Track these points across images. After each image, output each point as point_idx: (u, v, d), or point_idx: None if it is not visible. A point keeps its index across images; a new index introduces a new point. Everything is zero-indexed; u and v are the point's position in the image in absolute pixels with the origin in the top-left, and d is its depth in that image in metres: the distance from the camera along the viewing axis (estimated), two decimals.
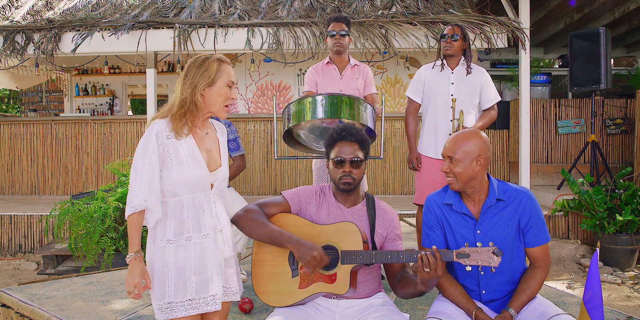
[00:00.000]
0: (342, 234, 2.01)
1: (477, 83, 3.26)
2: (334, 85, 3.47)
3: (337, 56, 3.50)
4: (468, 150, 1.97)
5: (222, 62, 1.83)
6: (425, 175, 3.29)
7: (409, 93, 3.38)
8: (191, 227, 1.78)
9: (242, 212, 2.10)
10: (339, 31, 3.40)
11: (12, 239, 5.29)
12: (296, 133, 3.13)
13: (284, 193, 2.19)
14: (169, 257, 1.76)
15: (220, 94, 1.81)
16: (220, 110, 1.84)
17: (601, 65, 5.73)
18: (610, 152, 6.81)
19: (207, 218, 1.81)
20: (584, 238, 5.17)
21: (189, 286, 1.76)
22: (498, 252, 1.76)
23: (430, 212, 2.09)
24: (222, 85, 1.81)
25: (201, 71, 1.79)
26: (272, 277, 2.07)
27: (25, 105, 10.91)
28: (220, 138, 1.95)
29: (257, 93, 7.86)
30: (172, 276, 1.75)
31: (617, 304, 3.91)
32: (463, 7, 6.26)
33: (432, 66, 3.33)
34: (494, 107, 3.35)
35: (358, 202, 2.19)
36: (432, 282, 1.86)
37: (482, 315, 1.93)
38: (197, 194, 1.81)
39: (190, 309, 1.76)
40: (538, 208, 2.02)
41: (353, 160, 2.09)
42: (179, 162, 1.78)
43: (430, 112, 3.30)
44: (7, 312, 2.93)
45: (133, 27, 5.86)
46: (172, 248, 1.76)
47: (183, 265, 1.76)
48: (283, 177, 6.76)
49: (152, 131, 1.77)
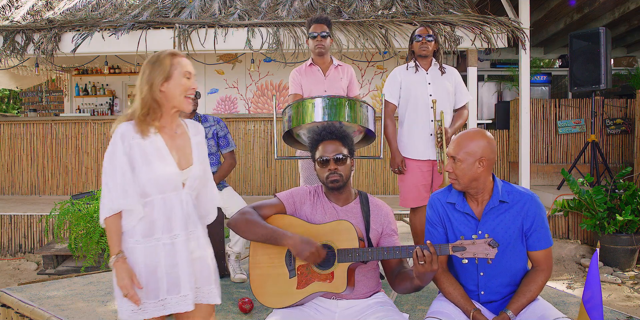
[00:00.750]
0: (338, 233, 2.01)
1: (452, 82, 3.27)
2: (318, 85, 3.46)
3: (319, 58, 3.49)
4: (470, 151, 1.95)
5: (174, 55, 1.82)
6: (409, 178, 3.25)
7: (386, 95, 3.32)
8: (162, 228, 1.77)
9: (237, 215, 2.11)
10: (320, 33, 3.38)
11: (12, 239, 5.29)
12: (296, 133, 3.13)
13: (278, 195, 2.20)
14: (139, 258, 1.75)
15: (179, 85, 1.79)
16: (182, 102, 1.82)
17: (601, 65, 5.73)
18: (610, 152, 6.81)
19: (178, 218, 1.79)
20: (584, 238, 5.17)
21: (160, 287, 1.75)
22: (494, 243, 1.75)
23: (433, 210, 2.09)
24: (180, 77, 1.80)
25: (155, 68, 1.79)
26: (269, 279, 2.07)
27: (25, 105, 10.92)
28: (193, 137, 1.92)
29: (257, 93, 7.86)
30: (142, 277, 1.74)
31: (617, 304, 3.91)
32: (463, 7, 6.26)
33: (405, 67, 3.30)
34: (466, 106, 3.35)
35: (351, 200, 2.19)
36: (428, 276, 1.86)
37: (480, 316, 1.93)
38: (168, 194, 1.79)
39: (162, 310, 1.75)
40: (542, 212, 2.01)
41: (337, 158, 2.10)
42: (146, 162, 1.76)
43: (409, 114, 3.26)
44: (7, 312, 2.93)
45: (133, 27, 5.86)
46: (141, 249, 1.75)
47: (154, 266, 1.75)
48: (283, 177, 6.76)
49: (117, 134, 1.77)
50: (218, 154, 3.51)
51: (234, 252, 3.34)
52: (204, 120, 3.48)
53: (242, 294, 3.00)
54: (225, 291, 3.07)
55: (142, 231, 1.76)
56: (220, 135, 3.48)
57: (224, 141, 3.49)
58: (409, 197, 3.26)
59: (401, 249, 1.92)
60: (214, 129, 3.47)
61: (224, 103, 7.90)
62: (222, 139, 3.49)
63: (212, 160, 3.44)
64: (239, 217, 2.09)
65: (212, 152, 3.45)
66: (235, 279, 3.25)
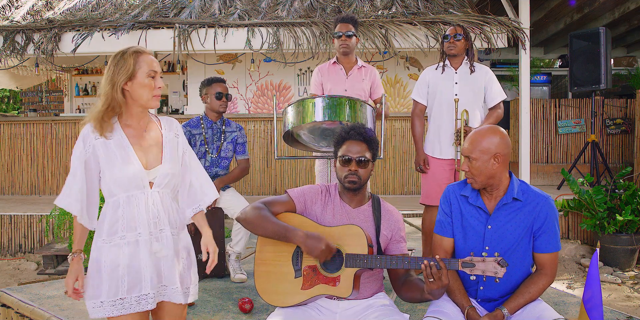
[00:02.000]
0: (348, 237, 2.00)
1: (481, 81, 3.27)
2: (339, 85, 3.47)
3: (343, 57, 3.50)
4: (484, 148, 1.95)
5: (139, 53, 1.80)
6: (431, 176, 3.29)
7: (414, 95, 3.39)
8: (125, 226, 1.77)
9: (248, 209, 2.10)
10: (345, 32, 3.39)
11: (12, 239, 5.29)
12: (296, 133, 3.13)
13: (289, 191, 2.18)
14: (103, 256, 1.76)
15: (144, 85, 1.78)
16: (149, 100, 1.80)
17: (601, 65, 5.73)
18: (610, 152, 6.81)
19: (142, 217, 1.78)
20: (584, 238, 5.17)
21: (120, 285, 1.75)
22: (503, 263, 1.75)
23: (446, 200, 2.10)
24: (144, 76, 1.78)
25: (119, 66, 1.77)
26: (274, 277, 2.07)
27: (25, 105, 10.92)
28: (166, 133, 1.90)
29: (257, 93, 7.85)
30: (105, 275, 1.74)
31: (617, 304, 3.91)
32: (463, 7, 6.26)
33: (435, 67, 3.33)
34: (499, 106, 3.34)
35: (364, 202, 2.18)
36: (440, 292, 1.85)
37: (474, 313, 1.94)
38: (133, 192, 1.78)
39: (121, 309, 1.74)
40: (555, 215, 2.00)
41: (360, 160, 2.09)
42: (109, 162, 1.76)
43: (435, 113, 3.31)
44: (7, 312, 2.93)
45: (133, 27, 5.86)
46: (107, 247, 1.76)
47: (116, 264, 1.75)
48: (283, 177, 6.76)
49: (81, 136, 1.78)
50: (231, 159, 3.51)
51: (234, 252, 3.33)
52: (227, 124, 3.47)
53: (242, 293, 3.00)
54: (225, 291, 3.07)
55: (108, 230, 1.77)
56: (239, 142, 3.49)
57: (241, 148, 3.50)
58: (430, 195, 3.28)
59: (410, 260, 1.91)
60: (235, 135, 3.47)
61: None
62: (240, 146, 3.50)
63: (225, 164, 3.46)
64: (251, 212, 2.08)
65: (227, 157, 3.46)
66: (235, 279, 3.25)
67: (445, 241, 2.08)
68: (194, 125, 3.40)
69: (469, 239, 2.03)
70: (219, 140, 3.42)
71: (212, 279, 3.31)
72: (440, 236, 2.10)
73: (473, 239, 2.02)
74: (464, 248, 2.03)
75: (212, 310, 2.76)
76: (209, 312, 2.73)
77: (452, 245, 2.08)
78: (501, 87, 3.39)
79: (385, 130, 5.57)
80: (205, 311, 2.74)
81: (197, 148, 3.38)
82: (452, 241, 2.08)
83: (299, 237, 1.96)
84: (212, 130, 3.41)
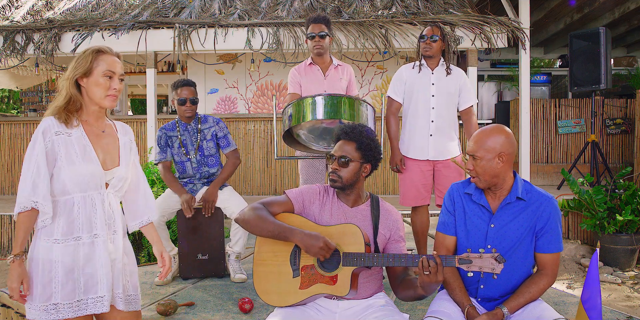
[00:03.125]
0: (345, 236, 2.01)
1: (457, 84, 3.24)
2: (317, 85, 3.45)
3: (318, 58, 3.47)
4: (489, 147, 1.95)
5: (100, 52, 1.81)
6: (408, 177, 3.26)
7: (390, 93, 3.34)
8: (81, 226, 1.75)
9: (246, 209, 2.11)
10: (319, 33, 3.36)
11: (12, 239, 5.29)
12: (296, 133, 3.13)
13: (287, 192, 2.19)
14: (56, 257, 1.72)
15: (98, 84, 1.79)
16: (102, 99, 1.81)
17: (601, 65, 5.73)
18: (610, 152, 6.81)
19: (99, 217, 1.77)
20: (584, 238, 5.17)
21: (77, 287, 1.72)
22: (500, 259, 1.75)
23: (450, 198, 2.10)
24: (99, 75, 1.78)
25: (78, 63, 1.79)
26: (273, 277, 2.07)
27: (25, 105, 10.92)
28: (121, 137, 1.91)
29: (257, 93, 7.86)
30: (59, 277, 1.71)
31: (617, 304, 3.91)
32: (463, 7, 6.26)
33: (412, 66, 3.30)
34: (471, 110, 3.30)
35: (361, 202, 2.18)
36: (432, 287, 1.84)
37: (474, 312, 1.94)
38: (90, 192, 1.77)
39: (77, 311, 1.72)
40: (558, 216, 2.00)
41: (341, 159, 2.10)
42: (68, 159, 1.75)
43: (411, 113, 3.27)
44: (7, 312, 2.93)
45: (133, 27, 5.86)
46: (60, 248, 1.73)
47: (72, 266, 1.72)
48: (283, 177, 6.76)
49: (40, 129, 1.75)
50: (218, 155, 3.49)
51: (234, 252, 3.34)
52: (203, 121, 3.45)
53: (242, 293, 3.00)
54: (225, 291, 3.07)
55: (62, 230, 1.74)
56: (220, 136, 3.45)
57: (223, 141, 3.46)
58: (408, 196, 3.27)
59: (407, 257, 1.91)
60: (213, 130, 3.44)
61: (224, 103, 7.89)
62: (222, 139, 3.46)
63: (212, 161, 3.44)
64: (249, 212, 2.08)
65: (212, 154, 3.44)
66: (235, 279, 3.25)
67: (448, 239, 2.09)
68: (169, 128, 3.41)
69: (471, 237, 2.03)
70: (197, 139, 3.41)
71: (212, 279, 3.31)
72: (443, 234, 2.10)
73: (475, 237, 2.02)
74: (467, 246, 2.03)
75: (212, 310, 2.76)
76: (209, 312, 2.73)
77: (454, 243, 2.08)
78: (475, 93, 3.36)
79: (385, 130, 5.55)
80: (205, 311, 2.74)
81: (176, 149, 3.38)
82: (454, 239, 2.08)
83: (297, 236, 1.97)
84: (189, 132, 3.40)
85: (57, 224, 1.74)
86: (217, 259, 3.33)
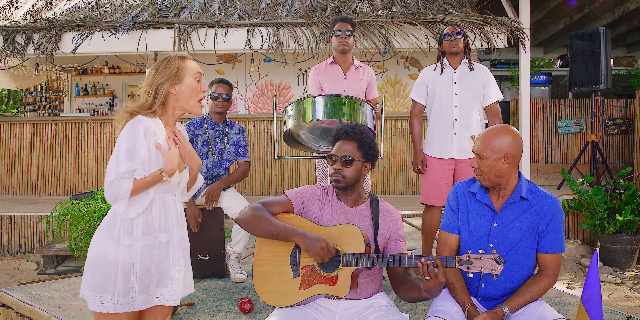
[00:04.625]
0: (345, 236, 2.00)
1: (480, 80, 3.26)
2: (337, 85, 3.46)
3: (341, 56, 3.49)
4: (495, 148, 1.95)
5: (184, 58, 1.85)
6: (430, 176, 3.29)
7: (413, 95, 3.39)
8: (159, 227, 1.80)
9: (246, 209, 2.11)
10: (345, 31, 3.40)
11: (12, 239, 5.29)
12: (296, 133, 3.13)
13: (287, 192, 2.19)
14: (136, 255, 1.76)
15: (191, 87, 1.82)
16: (194, 106, 1.84)
17: (601, 65, 5.73)
18: (610, 152, 6.81)
19: (173, 218, 1.84)
20: (584, 238, 5.17)
21: (151, 283, 1.79)
22: (500, 260, 1.75)
23: (454, 196, 2.11)
24: (191, 79, 1.82)
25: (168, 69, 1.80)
26: (273, 277, 2.07)
27: (25, 105, 10.91)
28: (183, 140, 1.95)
29: (257, 93, 7.85)
30: (137, 273, 1.76)
31: (617, 304, 3.91)
32: (463, 7, 6.26)
33: (434, 68, 3.33)
34: (496, 107, 3.32)
35: (361, 202, 2.18)
36: (437, 290, 1.85)
37: (475, 311, 1.94)
38: (165, 195, 1.83)
39: (149, 302, 1.79)
40: (561, 216, 2.01)
41: (343, 159, 2.10)
42: (157, 161, 1.78)
43: (434, 113, 3.30)
44: (7, 312, 2.93)
45: (133, 27, 5.86)
46: (139, 246, 1.77)
47: (149, 264, 1.78)
48: (283, 177, 6.76)
49: (140, 126, 1.75)
50: (232, 162, 3.50)
51: (234, 252, 3.33)
52: (230, 126, 3.46)
53: (242, 293, 3.00)
54: (225, 291, 3.07)
55: (142, 229, 1.78)
56: (241, 145, 3.48)
57: (242, 151, 3.49)
58: (431, 195, 3.28)
59: (407, 258, 1.91)
60: (238, 138, 3.46)
61: None
62: (242, 148, 3.49)
63: (226, 166, 3.46)
64: (249, 213, 2.08)
65: (230, 159, 3.45)
66: (235, 279, 3.25)
67: (451, 238, 2.09)
68: (197, 125, 3.39)
69: (474, 235, 2.03)
70: (221, 142, 3.41)
71: (212, 279, 3.31)
72: (447, 233, 2.10)
73: (478, 236, 2.02)
74: (469, 245, 2.03)
75: (212, 310, 2.76)
76: (209, 312, 2.73)
77: (457, 242, 2.09)
78: (499, 88, 3.38)
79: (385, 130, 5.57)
80: (205, 311, 2.74)
81: (199, 148, 3.38)
82: (457, 238, 2.09)
83: (297, 236, 1.97)
84: (215, 131, 3.41)
85: (138, 223, 1.78)
86: (217, 259, 3.33)
